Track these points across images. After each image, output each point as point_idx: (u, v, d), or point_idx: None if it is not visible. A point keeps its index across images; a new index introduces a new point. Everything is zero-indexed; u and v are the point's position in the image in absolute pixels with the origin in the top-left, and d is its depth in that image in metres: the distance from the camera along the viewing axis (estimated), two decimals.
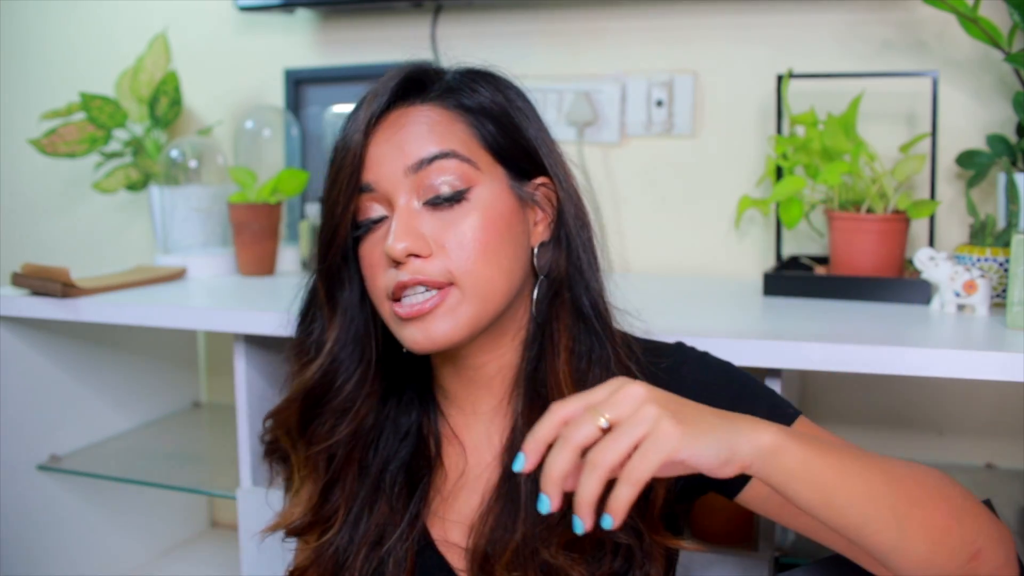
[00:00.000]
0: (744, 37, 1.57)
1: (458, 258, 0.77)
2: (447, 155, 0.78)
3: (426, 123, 0.79)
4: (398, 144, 0.78)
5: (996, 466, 1.46)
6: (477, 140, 0.80)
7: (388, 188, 0.78)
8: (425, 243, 0.76)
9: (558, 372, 0.81)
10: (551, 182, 0.84)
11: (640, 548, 0.79)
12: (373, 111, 0.78)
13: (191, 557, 1.80)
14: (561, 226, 0.84)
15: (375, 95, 0.79)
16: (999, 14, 1.32)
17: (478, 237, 0.77)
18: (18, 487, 1.49)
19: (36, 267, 1.41)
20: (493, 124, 0.81)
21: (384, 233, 0.78)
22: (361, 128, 0.78)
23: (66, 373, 1.57)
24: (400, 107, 0.80)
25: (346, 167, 0.78)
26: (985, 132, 1.39)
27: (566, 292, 0.84)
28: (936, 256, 1.19)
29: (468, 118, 0.81)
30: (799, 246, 1.56)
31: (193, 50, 1.89)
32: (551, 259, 0.84)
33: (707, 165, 1.61)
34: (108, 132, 1.78)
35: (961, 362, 0.97)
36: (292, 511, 0.88)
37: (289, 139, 1.79)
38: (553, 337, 0.83)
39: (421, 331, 0.77)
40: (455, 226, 0.77)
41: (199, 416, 1.85)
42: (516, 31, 1.70)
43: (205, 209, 1.68)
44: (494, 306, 0.79)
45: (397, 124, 0.79)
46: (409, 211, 0.77)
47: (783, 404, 0.82)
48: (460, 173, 0.78)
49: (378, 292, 0.79)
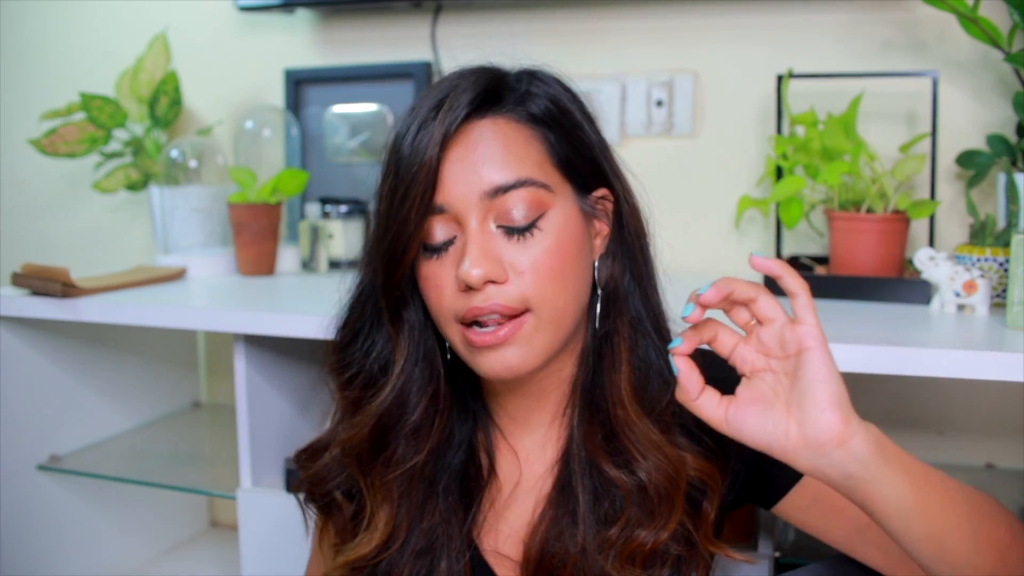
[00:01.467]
0: (744, 37, 1.57)
1: (534, 285, 0.74)
2: (524, 183, 0.74)
3: (502, 143, 0.75)
4: (474, 165, 0.74)
5: (996, 466, 1.46)
6: (549, 158, 0.77)
7: (461, 210, 0.74)
8: (502, 269, 0.74)
9: (619, 385, 0.80)
10: (611, 194, 0.82)
11: (690, 557, 0.79)
12: (449, 124, 0.73)
13: (191, 557, 1.80)
14: (621, 239, 0.83)
15: (451, 106, 0.74)
16: (999, 14, 1.32)
17: (554, 263, 0.75)
18: (18, 487, 1.49)
19: (36, 267, 1.41)
20: (560, 135, 0.78)
21: (454, 255, 0.75)
22: (438, 142, 0.73)
23: (66, 373, 1.57)
24: (474, 120, 0.76)
25: (419, 184, 0.73)
26: (985, 132, 1.39)
27: (625, 305, 0.82)
28: (936, 256, 1.18)
29: (539, 132, 0.77)
30: (799, 246, 1.56)
31: (193, 50, 1.89)
32: (610, 272, 0.82)
33: (707, 165, 1.61)
34: (108, 132, 1.78)
35: (961, 362, 0.97)
36: (369, 539, 0.83)
37: (289, 139, 1.79)
38: (613, 350, 0.81)
39: (499, 361, 0.75)
40: (530, 252, 0.74)
41: (199, 416, 1.85)
42: (516, 31, 1.70)
43: (205, 209, 1.68)
44: (566, 331, 0.78)
45: (472, 142, 0.75)
46: (485, 235, 0.74)
47: None
48: (535, 200, 0.75)
49: (445, 314, 0.77)
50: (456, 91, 0.75)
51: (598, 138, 0.82)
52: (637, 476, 0.78)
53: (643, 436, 0.78)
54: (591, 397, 0.82)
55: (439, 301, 0.76)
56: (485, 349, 0.75)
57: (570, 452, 0.81)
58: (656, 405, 0.80)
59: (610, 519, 0.78)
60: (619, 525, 0.77)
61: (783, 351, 0.65)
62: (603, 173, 0.81)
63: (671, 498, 0.77)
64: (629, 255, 0.83)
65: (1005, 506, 0.73)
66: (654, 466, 0.77)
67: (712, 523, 0.80)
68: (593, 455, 0.79)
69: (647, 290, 0.83)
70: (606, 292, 0.82)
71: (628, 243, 0.83)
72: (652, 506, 0.77)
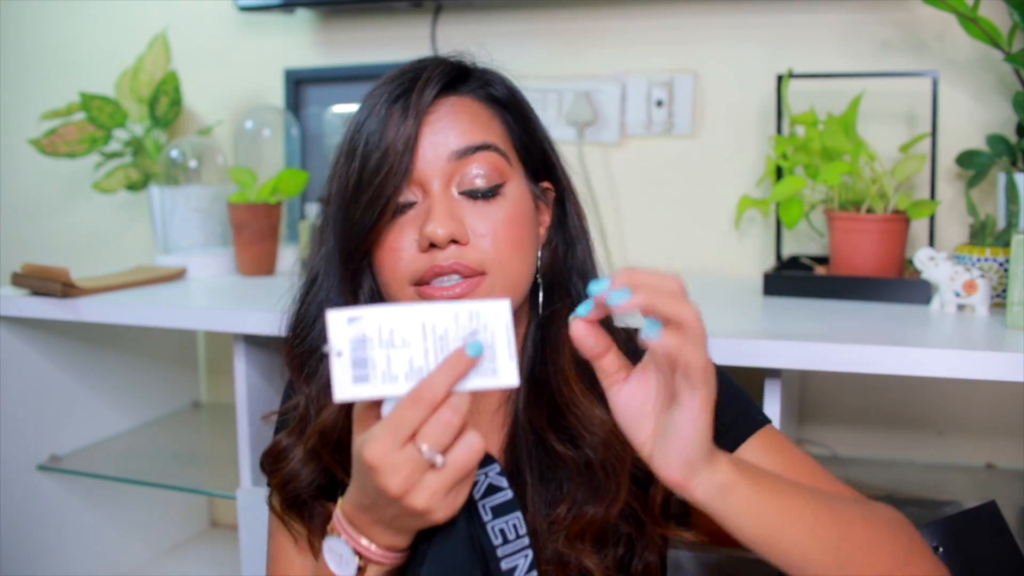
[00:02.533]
0: (744, 37, 1.57)
1: (493, 249, 0.78)
2: (487, 147, 0.79)
3: (467, 115, 0.80)
4: (442, 131, 0.78)
5: (996, 466, 1.46)
6: (508, 136, 0.82)
7: (426, 175, 0.78)
8: (464, 230, 0.77)
9: (562, 365, 0.82)
10: (554, 187, 0.86)
11: (641, 537, 0.81)
12: (425, 100, 0.78)
13: (191, 557, 1.80)
14: (563, 230, 0.86)
15: (425, 82, 0.78)
16: (999, 14, 1.31)
17: (512, 231, 0.79)
18: (18, 487, 1.49)
19: (36, 267, 1.41)
20: (519, 122, 0.83)
21: (414, 217, 0.78)
22: (412, 117, 0.77)
23: (66, 373, 1.57)
24: (443, 96, 0.80)
25: (395, 153, 0.76)
26: (985, 132, 1.39)
27: (565, 291, 0.85)
28: (936, 256, 1.19)
29: (502, 114, 0.83)
30: (799, 246, 1.56)
31: (193, 50, 1.89)
32: (551, 260, 0.85)
33: (707, 165, 1.61)
34: (108, 132, 1.78)
35: (961, 362, 0.97)
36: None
37: (289, 139, 1.79)
38: (556, 333, 0.83)
39: None
40: (490, 218, 0.78)
41: (199, 416, 1.85)
42: (516, 31, 1.70)
43: (205, 209, 1.68)
44: (518, 298, 0.81)
45: (441, 112, 0.79)
46: (448, 197, 0.78)
47: (752, 411, 0.84)
48: (497, 167, 0.79)
49: (400, 278, 0.79)
50: (428, 70, 0.80)
51: (544, 133, 0.86)
52: (584, 451, 0.80)
53: (588, 412, 0.80)
54: (536, 380, 0.84)
55: (395, 264, 0.78)
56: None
57: (516, 436, 0.83)
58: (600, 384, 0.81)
59: (558, 499, 0.80)
60: (567, 503, 0.79)
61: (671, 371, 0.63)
62: (551, 166, 0.86)
63: (617, 474, 0.79)
64: (570, 248, 0.86)
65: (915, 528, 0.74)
66: (600, 441, 0.79)
67: (660, 504, 0.81)
68: (540, 433, 0.82)
69: (587, 278, 0.86)
70: (547, 279, 0.85)
71: (569, 236, 0.86)
72: (599, 483, 0.79)
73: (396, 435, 0.62)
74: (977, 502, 0.91)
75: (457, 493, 0.65)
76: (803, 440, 1.55)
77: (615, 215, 1.67)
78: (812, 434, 1.55)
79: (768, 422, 0.83)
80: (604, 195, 1.67)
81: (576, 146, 1.67)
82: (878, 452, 1.53)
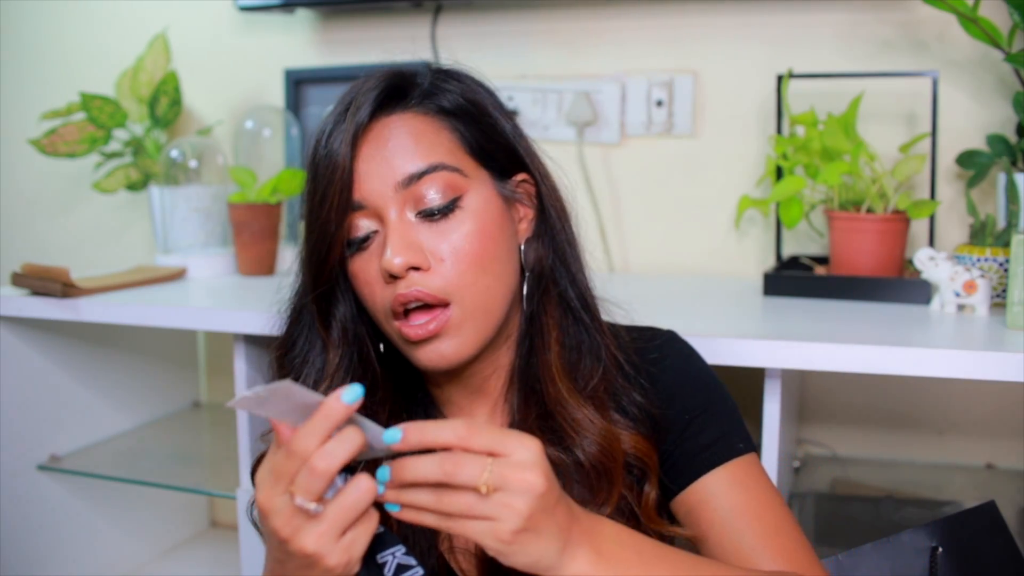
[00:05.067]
0: (744, 37, 1.57)
1: (455, 273, 0.76)
2: (436, 168, 0.77)
3: (411, 135, 0.77)
4: (386, 159, 0.76)
5: (996, 466, 1.46)
6: (461, 146, 0.79)
7: (378, 204, 0.76)
8: (423, 256, 0.76)
9: (550, 365, 0.82)
10: (531, 178, 0.84)
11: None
12: (358, 123, 0.76)
13: (191, 557, 1.80)
14: (545, 221, 0.84)
15: (357, 106, 0.77)
16: (999, 14, 1.32)
17: (474, 248, 0.77)
18: (18, 487, 1.49)
19: (36, 267, 1.41)
20: (472, 126, 0.81)
21: (377, 248, 0.77)
22: (348, 142, 0.76)
23: (66, 373, 1.57)
24: (382, 117, 0.78)
25: (335, 184, 0.75)
26: (985, 132, 1.39)
27: (552, 286, 0.84)
28: (936, 256, 1.19)
29: (449, 123, 0.80)
30: (799, 246, 1.56)
31: (193, 50, 1.89)
32: (536, 254, 0.84)
33: (707, 165, 1.61)
34: (108, 132, 1.78)
35: (961, 362, 0.97)
36: None
37: (289, 139, 1.79)
38: (543, 332, 0.83)
39: (435, 352, 0.77)
40: (449, 237, 0.76)
41: (199, 416, 1.85)
42: (516, 31, 1.70)
43: (205, 209, 1.68)
44: (496, 316, 0.80)
45: (382, 137, 0.77)
46: (403, 223, 0.76)
47: (735, 437, 0.83)
48: (450, 183, 0.77)
49: (379, 310, 0.78)
50: (362, 92, 0.78)
51: (512, 126, 0.84)
52: (573, 453, 0.79)
53: (576, 412, 0.80)
54: (527, 381, 0.83)
55: (372, 297, 0.78)
56: (420, 343, 0.77)
57: None
58: (588, 382, 0.82)
59: None
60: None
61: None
62: (519, 159, 0.84)
63: (609, 472, 0.79)
64: (553, 236, 0.84)
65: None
66: (589, 441, 0.79)
67: (654, 502, 0.81)
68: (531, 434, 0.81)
69: (573, 271, 0.85)
70: (534, 274, 0.84)
71: (551, 224, 0.84)
72: (591, 482, 0.79)
73: (276, 482, 0.62)
74: (977, 502, 0.91)
75: (354, 538, 0.63)
76: (803, 440, 1.55)
77: (615, 215, 1.67)
78: (812, 434, 1.55)
79: (748, 452, 0.82)
80: (604, 195, 1.67)
81: (576, 146, 1.67)
82: (878, 452, 1.53)
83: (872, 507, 1.34)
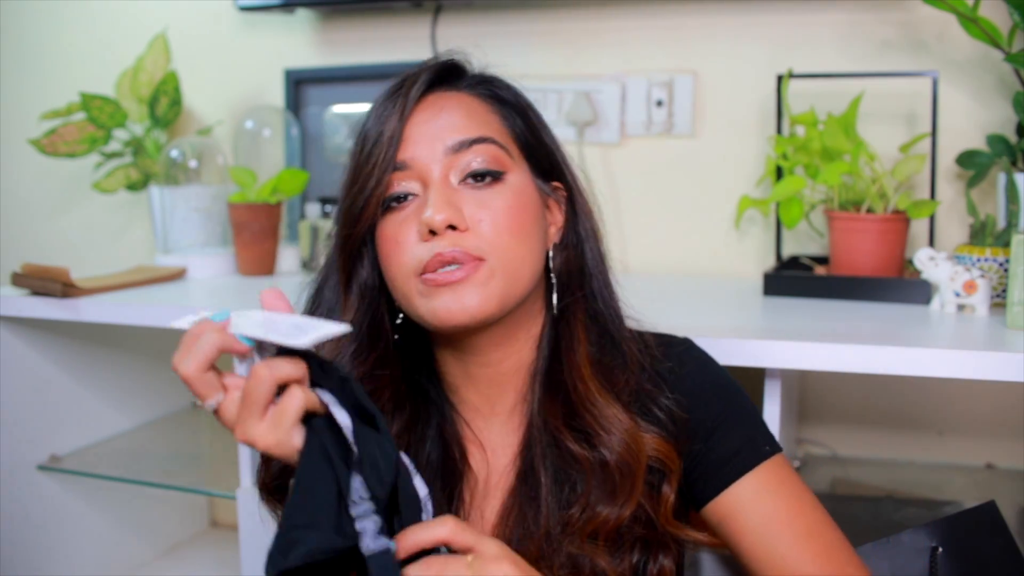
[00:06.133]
0: (744, 37, 1.57)
1: (492, 235, 0.77)
2: (485, 140, 0.79)
3: (464, 109, 0.80)
4: (438, 126, 0.79)
5: (996, 466, 1.46)
6: (508, 132, 0.82)
7: (424, 165, 0.78)
8: (462, 217, 0.77)
9: (578, 363, 0.82)
10: (565, 188, 0.86)
11: (656, 540, 0.80)
12: (412, 95, 0.79)
13: (191, 557, 1.80)
14: (574, 231, 0.86)
15: (413, 81, 0.80)
16: (999, 14, 1.32)
17: (512, 217, 0.78)
18: (18, 487, 1.49)
19: (36, 267, 1.41)
20: (521, 119, 0.84)
21: (413, 211, 0.78)
22: (402, 106, 0.78)
23: (66, 373, 1.57)
24: (437, 91, 0.81)
25: (383, 143, 0.78)
26: (985, 132, 1.39)
27: (579, 295, 0.85)
28: (936, 256, 1.19)
29: (501, 110, 0.83)
30: (799, 246, 1.56)
31: (193, 50, 1.89)
32: (563, 262, 0.85)
33: (707, 165, 1.61)
34: (108, 132, 1.78)
35: (961, 362, 0.97)
36: None
37: (289, 139, 1.79)
38: (570, 332, 0.84)
39: (456, 301, 0.76)
40: (490, 204, 0.78)
41: (199, 416, 1.85)
42: (516, 31, 1.70)
43: (205, 209, 1.68)
44: (521, 286, 0.80)
45: (436, 106, 0.80)
46: (447, 185, 0.78)
47: (763, 439, 0.83)
48: (496, 157, 0.79)
49: (403, 269, 0.78)
50: (420, 70, 0.82)
51: (552, 137, 0.87)
52: (599, 451, 0.79)
53: (605, 410, 0.80)
54: (551, 379, 0.83)
55: (399, 257, 0.78)
56: (443, 289, 0.76)
57: (531, 437, 0.83)
58: (615, 383, 0.82)
59: (572, 500, 0.80)
60: (580, 504, 0.79)
61: None
62: (558, 166, 0.86)
63: (632, 474, 0.79)
64: (582, 249, 0.86)
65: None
66: (616, 440, 0.79)
67: (672, 505, 0.81)
68: (556, 434, 0.81)
69: (601, 285, 0.86)
70: (561, 280, 0.85)
71: (581, 238, 0.86)
72: (613, 483, 0.79)
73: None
74: (977, 502, 0.91)
75: (276, 418, 0.67)
76: (803, 440, 1.55)
77: (615, 215, 1.67)
78: (812, 434, 1.55)
79: (776, 452, 0.82)
80: (604, 195, 1.65)
81: (576, 146, 1.67)
82: (878, 452, 1.53)
83: (872, 507, 1.34)
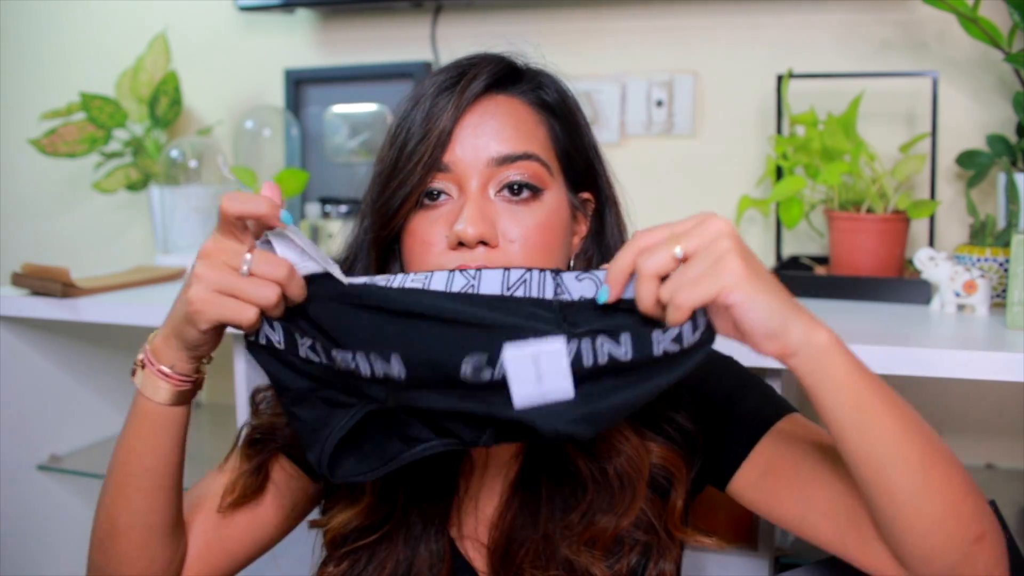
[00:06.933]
0: (744, 37, 1.57)
1: (522, 254, 0.76)
2: (530, 156, 0.78)
3: (514, 119, 0.79)
4: (486, 133, 0.77)
5: (996, 466, 1.46)
6: (552, 145, 0.81)
7: (464, 171, 0.77)
8: (495, 233, 0.76)
9: None
10: (596, 197, 0.85)
11: (657, 544, 0.79)
12: (471, 93, 0.77)
13: None
14: (600, 241, 0.85)
15: (472, 77, 0.78)
16: (999, 14, 1.31)
17: (544, 237, 0.77)
18: (18, 487, 1.49)
19: (36, 267, 1.41)
20: (565, 127, 0.82)
21: (447, 212, 0.77)
22: (456, 105, 0.77)
23: (66, 373, 1.57)
24: (491, 94, 0.80)
25: (430, 140, 0.76)
26: (985, 132, 1.39)
27: None
28: (936, 256, 1.19)
29: (548, 119, 0.82)
30: (799, 246, 1.56)
31: (193, 50, 1.89)
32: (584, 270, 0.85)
33: (707, 165, 1.61)
34: (108, 132, 1.78)
35: (961, 362, 0.97)
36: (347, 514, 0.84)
37: (289, 139, 1.79)
38: None
39: None
40: (523, 222, 0.77)
41: (199, 416, 1.85)
42: (516, 31, 1.70)
43: (205, 209, 1.69)
44: None
45: (487, 112, 0.78)
46: (483, 197, 0.76)
47: (778, 399, 0.83)
48: (537, 174, 0.78)
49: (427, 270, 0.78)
50: (479, 66, 0.79)
51: (592, 142, 0.85)
52: (599, 462, 0.79)
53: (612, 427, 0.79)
54: None
55: (425, 258, 0.77)
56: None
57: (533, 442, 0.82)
58: None
59: (572, 505, 0.79)
60: (580, 510, 0.79)
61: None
62: (594, 176, 0.85)
63: (633, 484, 0.78)
64: (605, 258, 0.84)
65: (1003, 504, 0.72)
66: (617, 452, 0.79)
67: (680, 512, 0.80)
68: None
69: None
70: None
71: (606, 247, 0.85)
72: (613, 492, 0.78)
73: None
74: None
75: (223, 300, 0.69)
76: None
77: None
78: None
79: (796, 410, 0.81)
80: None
81: None
82: None
83: None
